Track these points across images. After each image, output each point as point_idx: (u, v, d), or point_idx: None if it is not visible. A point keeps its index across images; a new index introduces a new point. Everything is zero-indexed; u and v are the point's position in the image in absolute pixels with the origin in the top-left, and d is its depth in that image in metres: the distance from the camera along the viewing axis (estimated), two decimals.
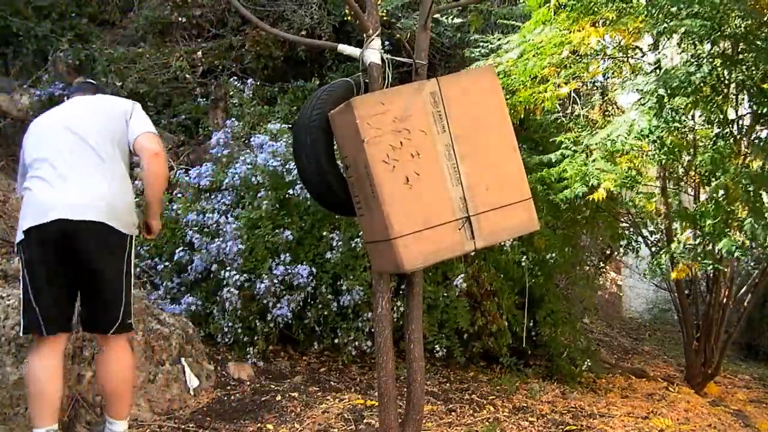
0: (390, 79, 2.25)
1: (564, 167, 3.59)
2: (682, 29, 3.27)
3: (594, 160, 3.55)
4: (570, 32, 3.62)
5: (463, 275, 3.80)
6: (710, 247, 3.75)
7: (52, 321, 2.23)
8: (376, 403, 2.49)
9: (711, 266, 3.57)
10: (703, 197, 4.16)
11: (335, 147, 2.14)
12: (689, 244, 3.96)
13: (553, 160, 3.74)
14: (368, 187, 1.94)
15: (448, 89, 2.01)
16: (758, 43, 3.36)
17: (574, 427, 3.17)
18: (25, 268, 2.25)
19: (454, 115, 2.00)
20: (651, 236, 4.61)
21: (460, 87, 2.05)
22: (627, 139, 3.30)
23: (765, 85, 3.53)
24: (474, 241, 2.01)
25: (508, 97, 3.72)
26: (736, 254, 3.32)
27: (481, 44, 4.34)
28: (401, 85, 2.11)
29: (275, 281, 3.48)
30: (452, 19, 5.37)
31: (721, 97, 3.73)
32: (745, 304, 4.80)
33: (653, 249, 4.58)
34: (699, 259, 3.69)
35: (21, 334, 2.32)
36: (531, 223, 2.13)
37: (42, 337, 2.23)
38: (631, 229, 4.80)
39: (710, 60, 3.39)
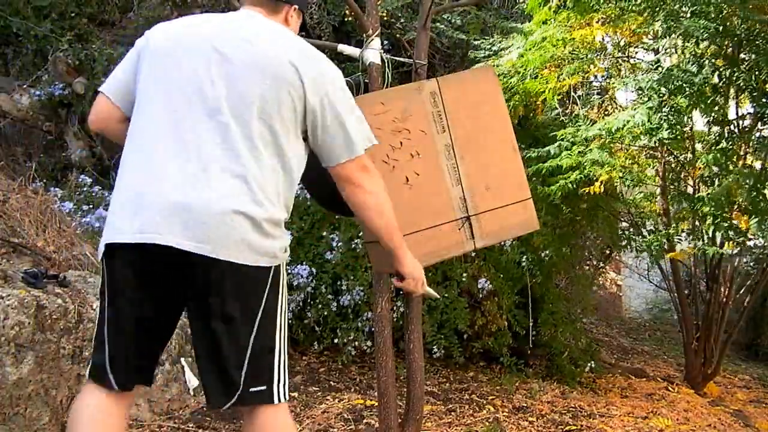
0: (390, 79, 2.26)
1: (561, 159, 3.60)
2: (684, 29, 3.28)
3: (590, 150, 3.57)
4: (571, 29, 3.62)
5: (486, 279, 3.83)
6: (709, 234, 3.78)
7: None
8: (376, 403, 2.49)
9: (712, 251, 3.59)
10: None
11: None
12: (687, 229, 3.98)
13: (551, 152, 3.74)
14: None
15: (448, 89, 2.01)
16: (758, 43, 3.37)
17: (574, 427, 3.17)
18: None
19: (453, 115, 2.00)
20: (649, 234, 4.62)
21: (460, 87, 2.05)
22: (623, 128, 3.31)
23: (767, 87, 3.54)
24: (474, 240, 2.01)
25: (508, 97, 3.72)
26: (738, 236, 3.34)
27: (483, 48, 4.34)
28: (401, 85, 2.11)
29: None
30: (453, 19, 5.37)
31: (722, 97, 3.73)
32: (745, 304, 4.80)
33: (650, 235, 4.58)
34: (697, 243, 3.70)
35: None
36: (531, 223, 2.13)
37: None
38: (631, 229, 4.81)
39: (712, 61, 3.40)
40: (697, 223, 3.99)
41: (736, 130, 3.94)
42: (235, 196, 1.42)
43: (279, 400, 1.50)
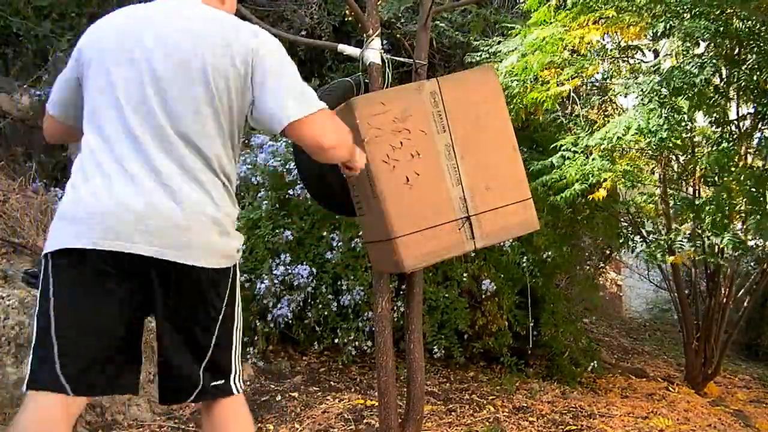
0: (390, 79, 2.26)
1: (565, 170, 3.60)
2: (684, 29, 3.27)
3: (593, 159, 3.56)
4: (568, 30, 3.62)
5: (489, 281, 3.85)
6: (710, 240, 3.77)
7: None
8: (376, 403, 2.49)
9: (713, 260, 3.58)
10: (703, 196, 4.15)
11: None
12: (688, 234, 3.97)
13: (554, 163, 3.74)
14: (368, 187, 1.94)
15: (448, 89, 2.01)
16: (759, 43, 3.37)
17: (574, 427, 3.17)
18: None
19: (454, 115, 2.00)
20: (648, 236, 4.61)
21: (461, 87, 2.05)
22: (624, 136, 3.31)
23: None
24: (474, 241, 2.01)
25: (509, 102, 3.71)
26: (737, 251, 3.33)
27: (482, 49, 4.33)
28: (401, 85, 2.11)
29: (275, 281, 3.48)
30: (455, 18, 5.37)
31: (723, 98, 3.73)
32: (745, 304, 4.80)
33: (650, 240, 4.57)
34: (698, 251, 3.70)
35: None
36: (531, 223, 2.13)
37: None
38: (630, 228, 4.81)
39: (713, 61, 3.39)
40: (698, 223, 3.98)
41: (737, 131, 3.94)
42: (195, 200, 1.47)
43: (237, 391, 1.59)
